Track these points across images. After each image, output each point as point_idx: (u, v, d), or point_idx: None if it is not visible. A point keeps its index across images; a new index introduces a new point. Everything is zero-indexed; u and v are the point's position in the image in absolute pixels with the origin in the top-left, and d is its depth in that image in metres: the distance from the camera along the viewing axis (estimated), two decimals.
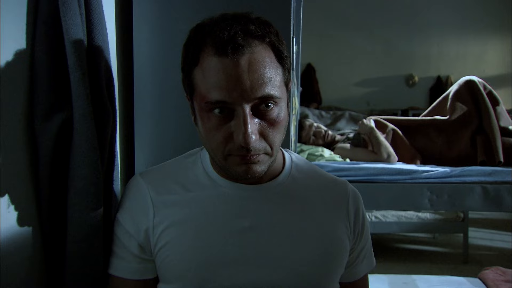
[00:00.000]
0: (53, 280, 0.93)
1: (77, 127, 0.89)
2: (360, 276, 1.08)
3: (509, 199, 2.26)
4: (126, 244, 0.94)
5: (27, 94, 0.86)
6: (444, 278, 3.11)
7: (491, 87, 2.72)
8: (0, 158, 0.79)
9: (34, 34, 0.86)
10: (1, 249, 0.79)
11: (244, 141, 0.81)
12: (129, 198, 0.96)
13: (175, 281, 0.92)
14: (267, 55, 0.84)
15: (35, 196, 0.88)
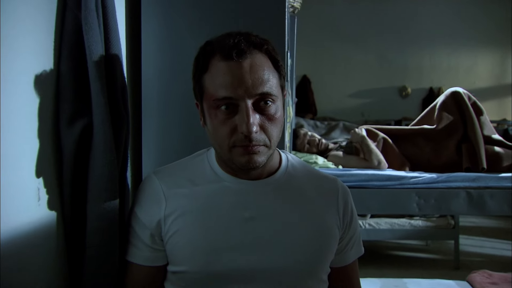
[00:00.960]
0: (74, 265, 1.04)
1: (96, 131, 1.01)
2: (349, 262, 1.20)
3: (491, 203, 2.35)
4: (140, 235, 1.06)
5: (54, 103, 0.98)
6: (434, 281, 3.20)
7: (476, 98, 2.83)
8: (36, 158, 0.91)
9: (60, 50, 0.98)
10: (32, 236, 0.91)
11: (247, 131, 0.93)
12: (144, 193, 1.08)
13: (184, 264, 1.03)
14: (265, 61, 0.99)
15: (59, 191, 0.99)
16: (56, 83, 0.98)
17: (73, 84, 0.99)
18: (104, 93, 1.01)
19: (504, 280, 2.94)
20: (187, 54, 1.32)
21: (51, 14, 0.97)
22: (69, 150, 0.98)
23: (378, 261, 4.82)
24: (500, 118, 7.54)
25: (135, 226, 1.07)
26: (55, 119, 0.98)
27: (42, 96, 0.94)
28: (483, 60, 7.89)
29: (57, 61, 0.98)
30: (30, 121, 0.91)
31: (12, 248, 0.85)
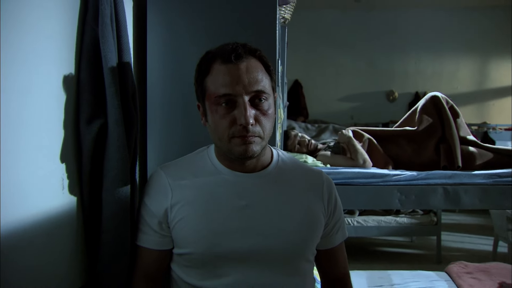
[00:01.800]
0: (91, 247, 1.15)
1: (111, 130, 1.12)
2: (335, 245, 1.31)
3: (465, 198, 2.45)
4: (150, 222, 1.17)
5: (75, 105, 1.09)
6: (415, 273, 3.33)
7: (454, 102, 2.94)
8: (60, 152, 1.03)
9: (80, 59, 1.10)
10: (57, 219, 1.02)
11: (245, 122, 1.05)
12: (153, 185, 1.19)
13: (188, 247, 1.15)
14: (258, 64, 1.12)
15: (79, 181, 1.11)
16: (77, 88, 1.10)
17: (91, 89, 1.10)
18: (118, 97, 1.13)
19: (478, 270, 3.07)
20: (187, 61, 1.45)
21: (73, 28, 1.09)
22: (88, 146, 1.10)
23: (365, 256, 4.95)
24: (481, 121, 7.68)
25: (145, 215, 1.18)
26: (75, 119, 1.09)
27: (65, 99, 1.06)
28: (465, 66, 8.03)
29: (78, 69, 1.10)
30: (54, 121, 1.03)
31: (41, 230, 0.96)
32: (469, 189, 2.46)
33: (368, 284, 3.10)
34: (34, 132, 0.95)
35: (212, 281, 1.14)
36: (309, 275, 1.25)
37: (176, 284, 1.21)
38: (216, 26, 1.53)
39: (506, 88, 7.99)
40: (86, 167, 1.10)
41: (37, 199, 0.96)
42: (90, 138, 1.09)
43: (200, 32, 1.55)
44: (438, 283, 3.04)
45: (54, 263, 1.03)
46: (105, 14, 1.11)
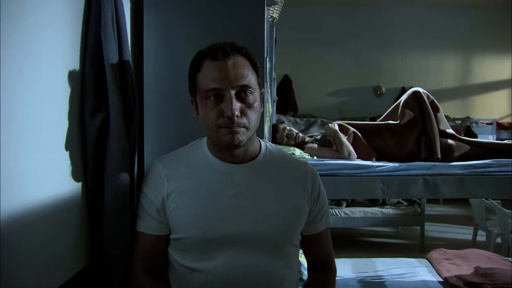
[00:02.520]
0: (95, 228, 1.25)
1: (112, 123, 1.22)
2: (319, 230, 1.39)
3: (443, 187, 2.55)
4: (148, 209, 1.26)
5: (79, 100, 1.19)
6: (398, 260, 3.46)
7: (434, 97, 3.05)
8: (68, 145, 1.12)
9: (84, 57, 1.19)
10: (65, 204, 1.12)
11: (231, 113, 1.14)
12: (150, 176, 1.28)
13: (183, 232, 1.24)
14: (245, 61, 1.21)
15: (83, 170, 1.20)
16: (81, 84, 1.19)
17: (94, 84, 1.20)
18: (119, 92, 1.22)
19: (456, 256, 3.21)
20: (181, 59, 1.54)
21: (78, 30, 1.18)
22: (92, 137, 1.19)
23: (352, 246, 5.07)
24: (464, 116, 7.83)
25: (143, 203, 1.28)
26: (80, 112, 1.19)
27: (70, 95, 1.15)
28: (449, 63, 8.17)
29: (82, 66, 1.19)
30: (62, 114, 1.12)
31: (50, 213, 1.06)
32: (447, 179, 2.56)
33: (353, 271, 3.21)
34: (44, 124, 1.04)
35: (204, 263, 1.24)
36: (294, 258, 1.34)
37: (172, 266, 1.30)
38: (208, 27, 1.62)
39: (489, 84, 8.16)
40: (90, 156, 1.19)
41: (47, 185, 1.05)
42: (94, 130, 1.18)
43: (193, 32, 1.64)
44: (419, 269, 3.18)
45: (62, 243, 1.12)
46: (107, 17, 1.20)
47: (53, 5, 1.07)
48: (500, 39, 8.00)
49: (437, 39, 8.03)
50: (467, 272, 2.92)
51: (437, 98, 8.26)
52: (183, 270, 1.26)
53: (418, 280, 2.99)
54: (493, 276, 2.79)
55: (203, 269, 1.23)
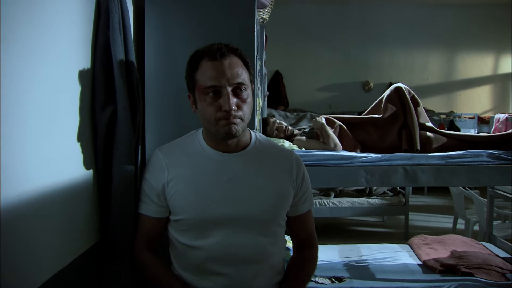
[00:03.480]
0: (103, 210, 1.38)
1: (119, 115, 1.35)
2: (303, 212, 1.52)
3: (422, 176, 2.68)
4: (149, 194, 1.39)
5: (90, 95, 1.32)
6: (381, 246, 3.62)
7: (414, 92, 3.19)
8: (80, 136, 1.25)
9: (95, 57, 1.32)
10: (78, 187, 1.25)
11: (228, 107, 1.26)
12: (152, 164, 1.41)
13: (182, 214, 1.37)
14: (239, 61, 1.33)
15: (94, 157, 1.34)
16: (92, 81, 1.32)
17: (104, 81, 1.33)
18: (125, 88, 1.35)
19: (434, 241, 3.37)
20: (179, 58, 1.68)
21: (89, 32, 1.31)
22: (102, 128, 1.32)
23: (340, 235, 5.20)
24: (449, 110, 8.01)
25: (146, 188, 1.40)
26: (91, 106, 1.32)
27: (82, 90, 1.28)
28: (434, 59, 8.33)
29: (93, 65, 1.32)
30: (75, 108, 1.25)
31: (66, 195, 1.19)
32: (426, 169, 2.70)
33: (339, 256, 3.36)
34: (60, 117, 1.17)
35: (201, 241, 1.37)
36: (280, 236, 1.48)
37: (173, 244, 1.43)
38: (204, 28, 1.76)
39: (471, 80, 8.35)
40: (100, 145, 1.33)
41: (63, 171, 1.18)
42: (104, 122, 1.32)
43: (190, 33, 1.77)
44: (401, 254, 3.34)
45: (75, 222, 1.26)
46: (114, 21, 1.33)
47: (67, 11, 1.20)
48: (482, 37, 8.21)
49: (423, 37, 8.19)
50: (444, 255, 3.09)
51: (423, 93, 8.50)
52: (183, 247, 1.39)
53: (399, 264, 3.15)
54: (466, 258, 2.96)
55: (200, 246, 1.36)
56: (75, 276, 1.24)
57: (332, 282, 2.84)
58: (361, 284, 2.80)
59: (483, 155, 2.72)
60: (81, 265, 1.27)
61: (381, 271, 3.02)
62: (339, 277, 2.89)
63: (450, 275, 2.85)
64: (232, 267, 1.34)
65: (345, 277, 2.89)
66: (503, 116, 3.42)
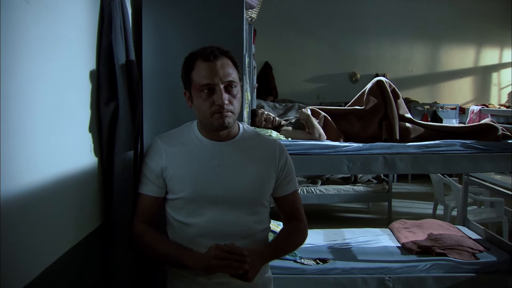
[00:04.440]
0: (107, 196, 1.54)
1: (121, 110, 1.50)
2: (289, 192, 1.68)
3: (400, 164, 2.84)
4: (149, 176, 1.55)
5: (96, 92, 1.46)
6: (364, 230, 3.81)
7: (395, 85, 3.34)
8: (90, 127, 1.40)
9: (99, 58, 1.46)
10: (86, 174, 1.40)
11: (221, 102, 1.42)
12: (152, 150, 1.56)
13: (178, 194, 1.53)
14: (229, 62, 1.49)
15: (99, 145, 1.48)
16: (97, 80, 1.46)
17: (107, 80, 1.47)
18: (126, 85, 1.50)
19: (413, 225, 3.57)
20: (174, 57, 1.83)
21: (94, 36, 1.46)
22: (105, 121, 1.47)
23: (327, 221, 5.35)
24: (432, 101, 8.22)
25: (145, 171, 1.56)
26: (97, 102, 1.46)
27: (89, 88, 1.42)
28: (419, 51, 8.54)
29: (97, 66, 1.47)
30: (83, 103, 1.40)
31: (75, 181, 1.34)
32: (403, 157, 2.87)
33: (324, 239, 3.54)
34: (69, 111, 1.31)
35: (194, 219, 1.53)
36: (264, 215, 1.64)
37: (169, 222, 1.60)
38: (197, 29, 1.90)
39: (454, 71, 8.56)
40: (105, 136, 1.48)
41: (72, 159, 1.32)
42: (108, 115, 1.46)
43: (184, 34, 1.91)
44: (382, 237, 3.53)
45: (82, 205, 1.41)
46: (116, 25, 1.47)
47: (75, 19, 1.34)
48: (464, 30, 8.42)
49: (408, 29, 8.38)
50: (421, 238, 3.29)
51: (408, 84, 8.71)
52: (178, 225, 1.56)
53: (380, 246, 3.35)
54: (441, 240, 3.16)
55: (193, 224, 1.53)
56: (83, 254, 1.39)
57: (316, 263, 3.03)
58: (344, 265, 2.99)
59: (456, 145, 2.91)
60: (88, 245, 1.42)
61: (362, 253, 3.21)
62: (324, 259, 3.07)
63: (426, 255, 3.05)
64: (221, 242, 1.49)
65: (329, 259, 3.07)
66: (477, 108, 3.61)
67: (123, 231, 1.55)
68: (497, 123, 3.04)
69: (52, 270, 1.16)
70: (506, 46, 8.63)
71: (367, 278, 2.93)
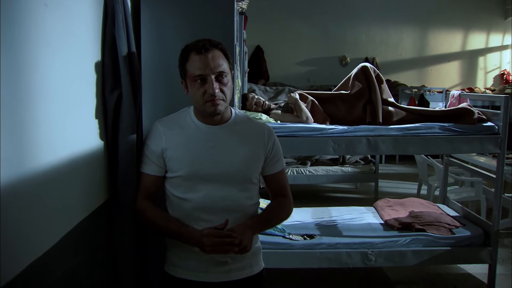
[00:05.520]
0: (112, 174, 1.71)
1: (124, 97, 1.67)
2: (277, 171, 1.85)
3: (382, 146, 3.03)
4: (150, 156, 1.72)
5: (101, 80, 1.63)
6: (350, 208, 4.01)
7: (379, 71, 3.51)
8: (97, 113, 1.57)
9: (104, 50, 1.63)
10: (94, 154, 1.58)
11: (212, 91, 1.59)
12: (153, 133, 1.73)
13: (177, 172, 1.70)
14: (220, 54, 1.65)
15: (105, 129, 1.66)
16: (102, 70, 1.63)
17: (111, 70, 1.64)
18: (128, 75, 1.67)
19: (396, 203, 3.79)
20: (169, 49, 2.01)
21: (99, 30, 1.62)
22: (110, 107, 1.64)
23: (316, 201, 5.56)
24: (420, 84, 8.42)
25: (147, 152, 1.73)
26: (102, 90, 1.63)
27: (95, 77, 1.59)
28: (408, 36, 8.70)
29: (102, 57, 1.63)
30: (91, 91, 1.56)
31: (84, 161, 1.51)
32: (386, 139, 3.07)
33: (312, 217, 3.75)
34: (78, 99, 1.48)
35: (191, 194, 1.71)
36: (254, 192, 1.81)
37: (168, 197, 1.78)
38: (190, 23, 2.06)
39: (442, 55, 8.74)
40: (110, 121, 1.65)
41: (82, 142, 1.50)
42: (112, 102, 1.63)
43: (179, 26, 2.08)
44: (366, 215, 3.75)
45: (91, 183, 1.59)
46: (119, 20, 1.63)
47: (82, 15, 1.50)
48: (452, 15, 8.56)
49: (397, 14, 8.52)
50: (403, 215, 3.51)
51: (397, 68, 8.91)
52: (176, 200, 1.74)
53: (364, 223, 3.56)
54: (421, 217, 3.39)
55: (190, 199, 1.71)
56: (92, 226, 1.57)
57: (304, 238, 3.23)
58: (329, 240, 3.20)
59: (435, 127, 3.11)
60: (96, 217, 1.60)
61: (347, 229, 3.43)
62: (311, 235, 3.28)
63: (406, 231, 3.28)
64: (215, 215, 1.67)
65: (316, 235, 3.28)
66: (457, 92, 3.80)
67: (126, 205, 1.73)
68: (473, 107, 3.24)
69: (67, 238, 1.35)
70: (493, 31, 8.83)
71: (351, 252, 3.15)
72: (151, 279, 2.03)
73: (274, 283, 3.44)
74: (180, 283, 1.75)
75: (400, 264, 3.23)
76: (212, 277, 1.73)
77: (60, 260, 1.31)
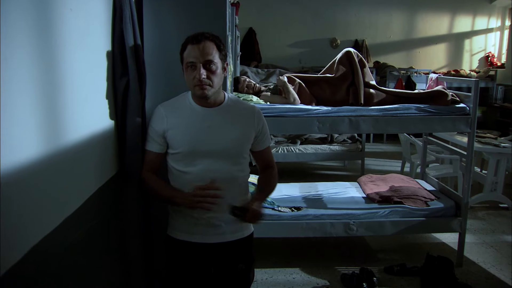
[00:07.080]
0: (121, 150, 1.99)
1: (131, 83, 1.94)
2: (264, 147, 2.14)
3: (363, 125, 3.30)
4: (153, 136, 1.98)
5: (111, 68, 1.89)
6: (335, 183, 4.31)
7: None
8: (108, 97, 1.84)
9: (113, 41, 1.89)
10: (106, 133, 1.85)
11: (199, 77, 1.84)
12: (156, 115, 1.99)
13: (178, 149, 1.97)
14: (212, 45, 1.89)
15: (115, 111, 1.93)
16: (112, 59, 1.89)
17: (120, 59, 1.90)
18: (134, 64, 1.93)
19: (379, 179, 4.09)
20: (169, 41, 2.25)
21: (109, 25, 1.87)
22: (119, 92, 1.91)
23: (305, 178, 5.87)
24: (408, 66, 8.67)
25: (151, 132, 1.99)
26: (112, 77, 1.90)
27: (107, 65, 1.85)
28: (396, 18, 8.90)
29: (112, 48, 1.89)
30: (102, 77, 1.82)
31: (97, 139, 1.78)
32: (366, 119, 3.35)
33: (299, 191, 4.04)
34: (93, 84, 1.74)
35: (190, 168, 1.98)
36: (244, 165, 2.09)
37: (170, 170, 2.05)
38: (187, 17, 2.33)
39: (430, 38, 8.98)
40: (119, 104, 1.92)
41: (96, 122, 1.77)
42: (122, 87, 1.90)
43: (177, 20, 2.34)
44: (350, 189, 4.05)
45: (103, 157, 1.86)
46: (126, 16, 1.89)
47: (96, 13, 1.75)
48: None
49: None
50: (384, 190, 3.82)
51: (386, 50, 9.17)
52: (177, 172, 2.01)
53: (348, 196, 3.87)
54: (400, 191, 3.69)
55: (189, 172, 1.98)
56: (106, 194, 1.85)
57: (292, 210, 3.53)
58: (315, 212, 3.51)
59: (412, 108, 3.40)
60: (108, 187, 1.88)
61: (332, 202, 3.74)
62: (298, 207, 3.58)
63: (386, 204, 3.59)
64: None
65: (303, 207, 3.58)
66: (435, 75, 4.08)
67: (133, 177, 2.01)
68: (447, 90, 3.52)
69: (87, 203, 1.63)
70: (478, 14, 9.06)
71: (334, 222, 3.46)
72: (156, 241, 2.32)
73: (264, 250, 3.75)
74: (181, 244, 2.04)
75: (380, 234, 3.54)
76: (208, 239, 2.02)
77: (83, 220, 1.60)
